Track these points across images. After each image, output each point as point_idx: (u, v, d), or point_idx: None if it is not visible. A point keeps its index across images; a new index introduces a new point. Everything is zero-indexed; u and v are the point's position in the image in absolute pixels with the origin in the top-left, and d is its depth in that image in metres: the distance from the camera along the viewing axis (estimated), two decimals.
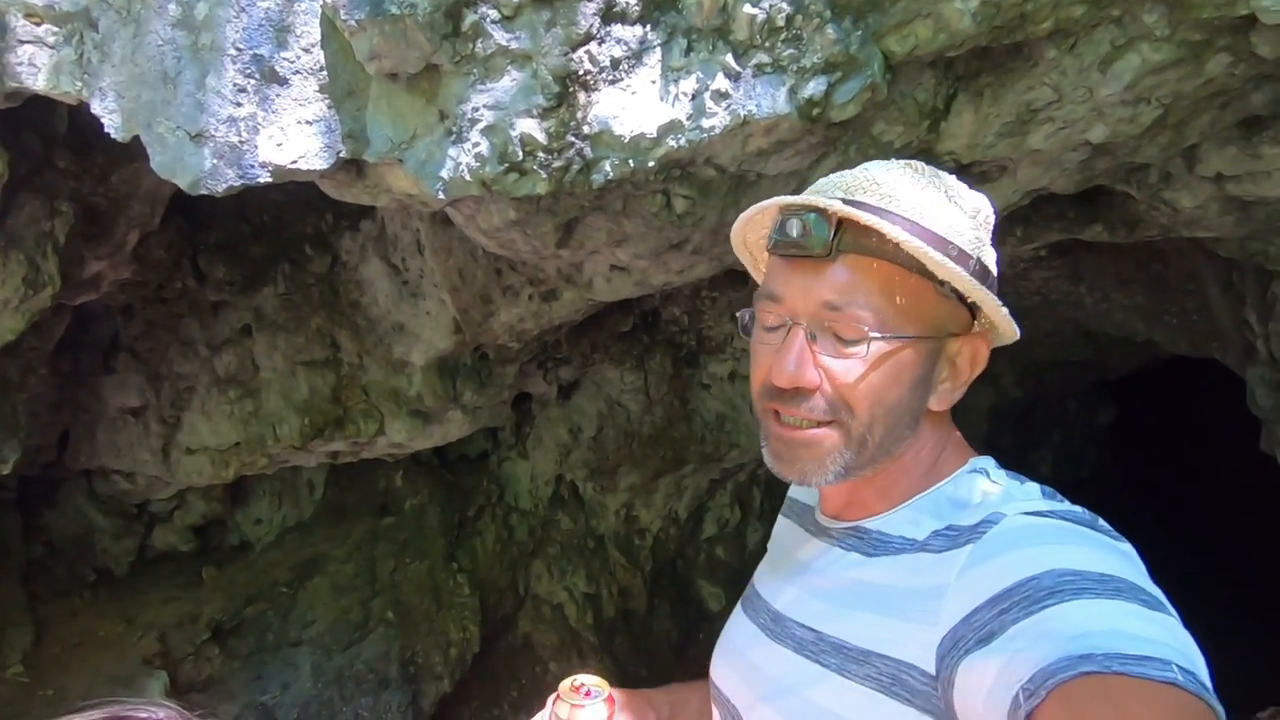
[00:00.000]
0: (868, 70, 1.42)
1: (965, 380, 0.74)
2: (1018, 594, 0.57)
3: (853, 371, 0.68)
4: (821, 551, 0.79)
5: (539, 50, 1.36)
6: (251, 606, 3.63)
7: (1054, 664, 0.50)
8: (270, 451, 2.91)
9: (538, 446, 4.44)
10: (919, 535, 0.70)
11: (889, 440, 0.71)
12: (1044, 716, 0.50)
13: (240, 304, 2.76)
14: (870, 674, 0.66)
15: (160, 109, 1.37)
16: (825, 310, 0.69)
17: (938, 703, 0.61)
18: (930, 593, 0.65)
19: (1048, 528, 0.63)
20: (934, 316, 0.70)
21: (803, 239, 0.68)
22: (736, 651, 0.83)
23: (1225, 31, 1.41)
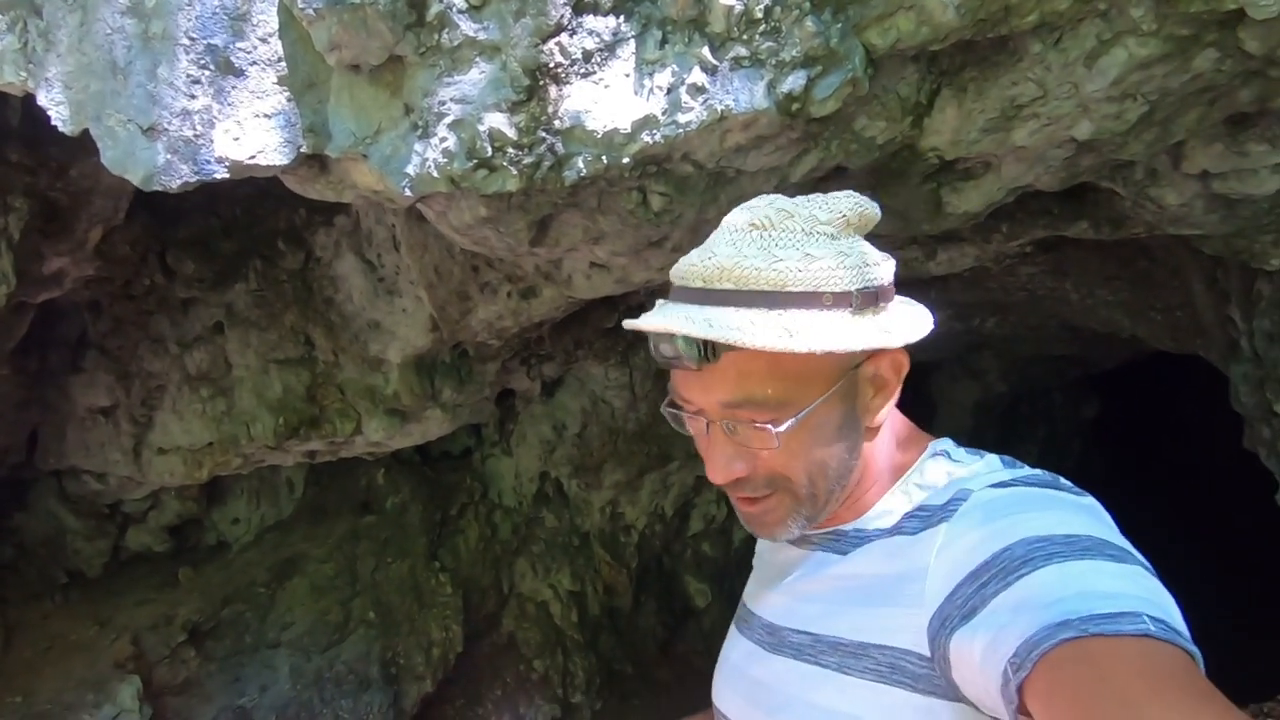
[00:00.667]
0: (848, 64, 1.38)
1: (895, 388, 0.74)
2: (994, 566, 0.59)
3: (774, 453, 0.70)
4: (803, 558, 0.80)
5: (508, 41, 1.31)
6: (229, 607, 3.57)
7: (1035, 634, 0.52)
8: (244, 451, 2.85)
9: (521, 443, 4.40)
10: (893, 525, 0.72)
11: (836, 482, 0.73)
12: (1033, 687, 0.52)
13: (211, 300, 2.69)
14: (869, 666, 0.67)
15: (110, 101, 1.31)
16: (726, 409, 0.70)
17: (939, 683, 0.62)
18: (912, 575, 0.66)
19: (1014, 497, 0.66)
20: (830, 370, 0.70)
21: (676, 359, 0.69)
22: (736, 670, 0.83)
23: (1213, 26, 1.37)
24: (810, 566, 0.79)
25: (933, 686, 0.63)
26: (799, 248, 0.69)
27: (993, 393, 6.30)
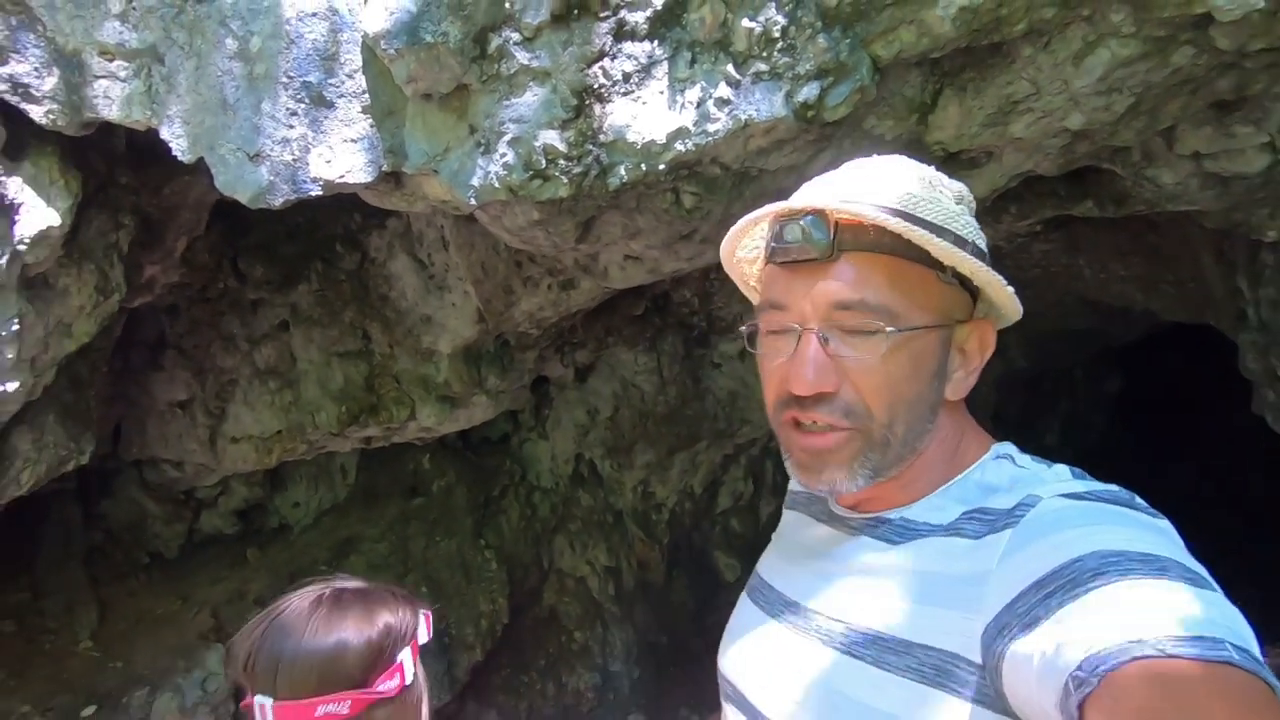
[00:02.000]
0: (857, 74, 1.55)
1: (977, 366, 0.73)
2: (1062, 577, 0.56)
3: (870, 369, 0.67)
4: (839, 541, 0.76)
5: (558, 68, 1.51)
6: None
7: (1105, 650, 0.49)
8: (309, 438, 3.11)
9: (557, 427, 4.63)
10: (945, 520, 0.69)
11: (911, 436, 0.70)
12: (1097, 704, 0.49)
13: (277, 301, 2.94)
14: (911, 665, 0.63)
15: (221, 133, 1.53)
16: (835, 311, 0.68)
17: (988, 692, 0.59)
18: (971, 579, 0.63)
19: (1087, 509, 0.62)
20: (940, 305, 0.70)
21: (803, 243, 0.68)
22: (753, 645, 0.79)
23: (1187, 27, 1.52)
24: (849, 551, 0.75)
25: (980, 695, 0.59)
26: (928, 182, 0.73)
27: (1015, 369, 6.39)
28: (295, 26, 1.48)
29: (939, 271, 0.69)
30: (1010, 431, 0.79)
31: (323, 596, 0.86)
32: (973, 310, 0.74)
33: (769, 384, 0.74)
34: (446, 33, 1.42)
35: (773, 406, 0.74)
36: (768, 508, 5.54)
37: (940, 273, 0.70)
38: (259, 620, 0.85)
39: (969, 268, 0.69)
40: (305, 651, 0.79)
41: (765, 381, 0.75)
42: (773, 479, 5.48)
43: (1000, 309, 0.75)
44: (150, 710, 2.99)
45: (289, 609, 0.85)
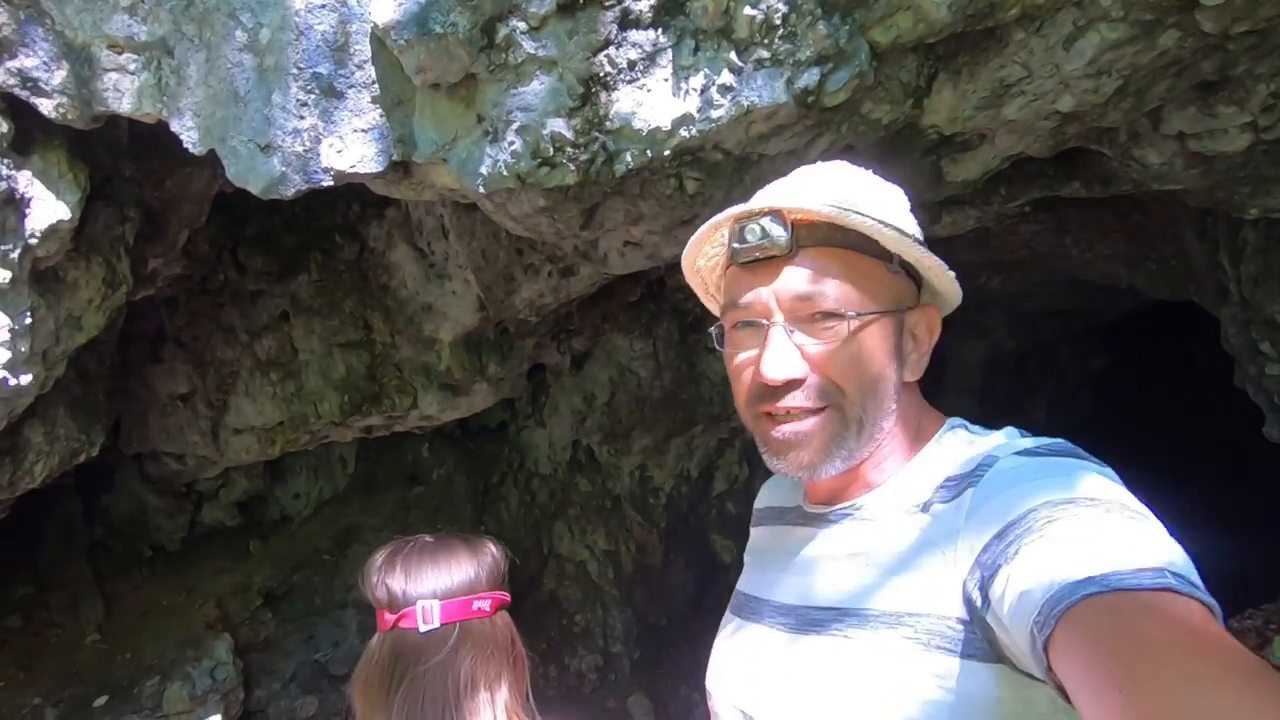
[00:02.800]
0: (856, 60, 1.59)
1: (927, 349, 0.78)
2: (1019, 526, 0.60)
3: (834, 352, 0.72)
4: (818, 538, 0.79)
5: (564, 56, 1.53)
6: (298, 574, 3.90)
7: (1058, 592, 0.53)
8: (312, 428, 3.13)
9: (554, 414, 4.67)
10: (920, 497, 0.72)
11: (879, 415, 0.74)
12: (1057, 644, 0.52)
13: (277, 292, 2.95)
14: (907, 635, 0.66)
15: (233, 125, 1.55)
16: (797, 303, 0.72)
17: (980, 645, 0.62)
18: (943, 540, 0.67)
19: (1038, 463, 0.67)
20: (891, 293, 0.75)
21: (765, 241, 0.72)
22: (747, 657, 0.80)
23: (1173, 10, 1.57)
24: (829, 543, 0.77)
25: (972, 649, 0.62)
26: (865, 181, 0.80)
27: (1001, 349, 6.49)
28: (304, 18, 1.50)
29: (887, 262, 0.75)
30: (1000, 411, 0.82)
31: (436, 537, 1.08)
32: (918, 298, 0.79)
33: (738, 381, 0.77)
34: (455, 23, 1.44)
35: (744, 402, 0.77)
36: None
37: (888, 263, 0.75)
38: (391, 555, 1.04)
39: (914, 255, 0.74)
40: (456, 564, 1.02)
41: (734, 379, 0.78)
42: None
43: (942, 295, 0.80)
44: (161, 699, 3.03)
45: (415, 543, 1.06)
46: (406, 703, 0.94)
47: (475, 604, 0.99)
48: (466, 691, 0.94)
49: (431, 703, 0.94)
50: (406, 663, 0.96)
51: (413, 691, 0.94)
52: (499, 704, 0.96)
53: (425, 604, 0.96)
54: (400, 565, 1.01)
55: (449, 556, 1.02)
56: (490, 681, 0.96)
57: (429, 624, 0.96)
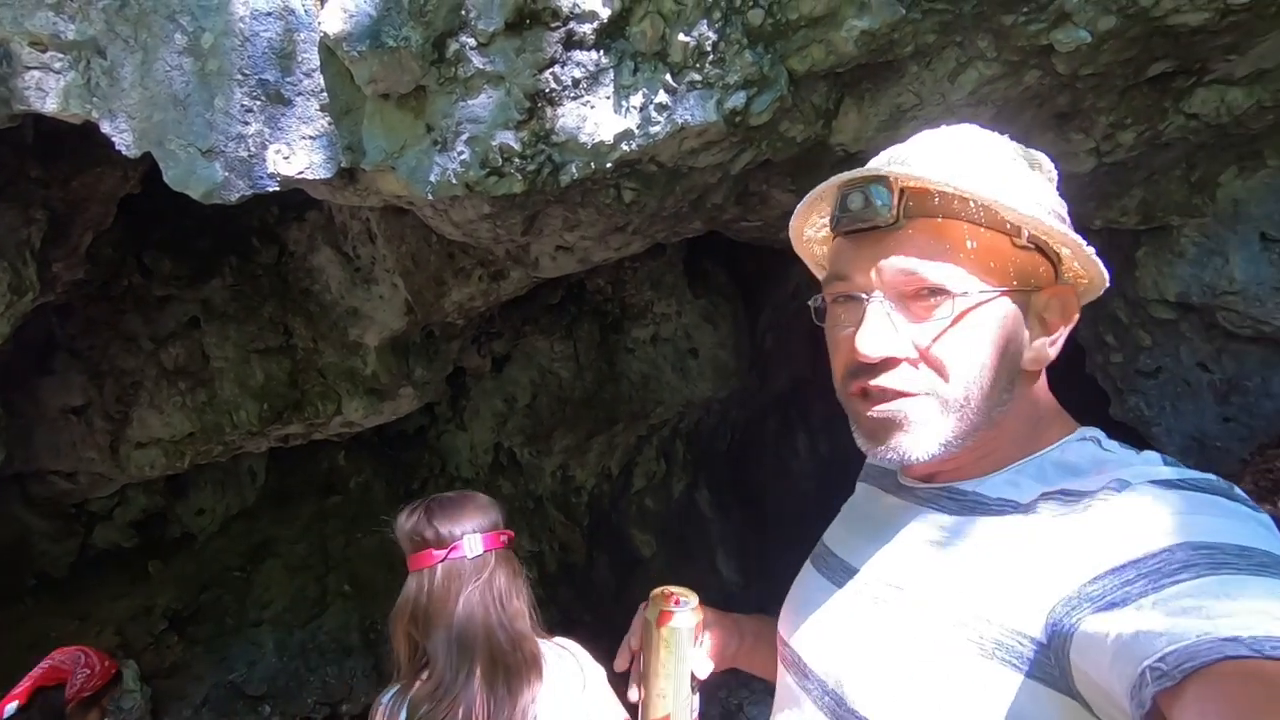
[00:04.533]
0: (777, 85, 1.77)
1: (1059, 335, 0.70)
2: (1146, 566, 0.53)
3: (938, 334, 0.65)
4: (908, 512, 0.75)
5: (512, 72, 1.62)
6: (206, 593, 3.70)
7: (1193, 645, 0.46)
8: (227, 439, 3.01)
9: (475, 418, 4.66)
10: (1022, 498, 0.65)
11: (987, 405, 0.67)
12: (1176, 700, 0.46)
13: (187, 297, 2.83)
14: (970, 637, 0.61)
15: (172, 128, 1.52)
16: (901, 277, 0.66)
17: (1052, 670, 0.57)
18: (1041, 557, 0.60)
19: (1179, 498, 0.58)
20: (1013, 269, 0.66)
21: (867, 210, 0.66)
22: (813, 611, 0.78)
23: (1035, 54, 1.86)
24: (916, 521, 0.73)
25: (1042, 673, 0.57)
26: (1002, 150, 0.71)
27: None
28: (249, 24, 1.50)
29: (1012, 236, 0.67)
30: None
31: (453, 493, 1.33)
32: (1056, 277, 0.71)
33: (836, 355, 0.72)
34: (408, 37, 1.50)
35: (840, 378, 0.72)
36: (679, 485, 5.83)
37: (1014, 237, 0.67)
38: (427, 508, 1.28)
39: (1042, 227, 0.66)
40: (480, 508, 1.29)
41: (833, 353, 0.73)
42: (683, 457, 5.77)
43: (1086, 275, 0.71)
44: None
45: (439, 498, 1.31)
46: (466, 610, 1.20)
47: (501, 536, 1.28)
48: (508, 598, 1.25)
49: (484, 608, 1.22)
50: (461, 582, 1.21)
51: (469, 602, 1.21)
52: (525, 611, 1.28)
53: (470, 537, 1.23)
54: (440, 513, 1.26)
55: (473, 504, 1.29)
56: (519, 592, 1.27)
57: (475, 552, 1.23)
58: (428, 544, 1.23)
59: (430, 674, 1.20)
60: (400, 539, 1.27)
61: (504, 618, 1.22)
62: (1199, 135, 2.29)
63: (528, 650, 1.23)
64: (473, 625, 1.20)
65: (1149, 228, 2.86)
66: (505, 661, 1.20)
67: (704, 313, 4.71)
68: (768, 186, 2.40)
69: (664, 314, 4.70)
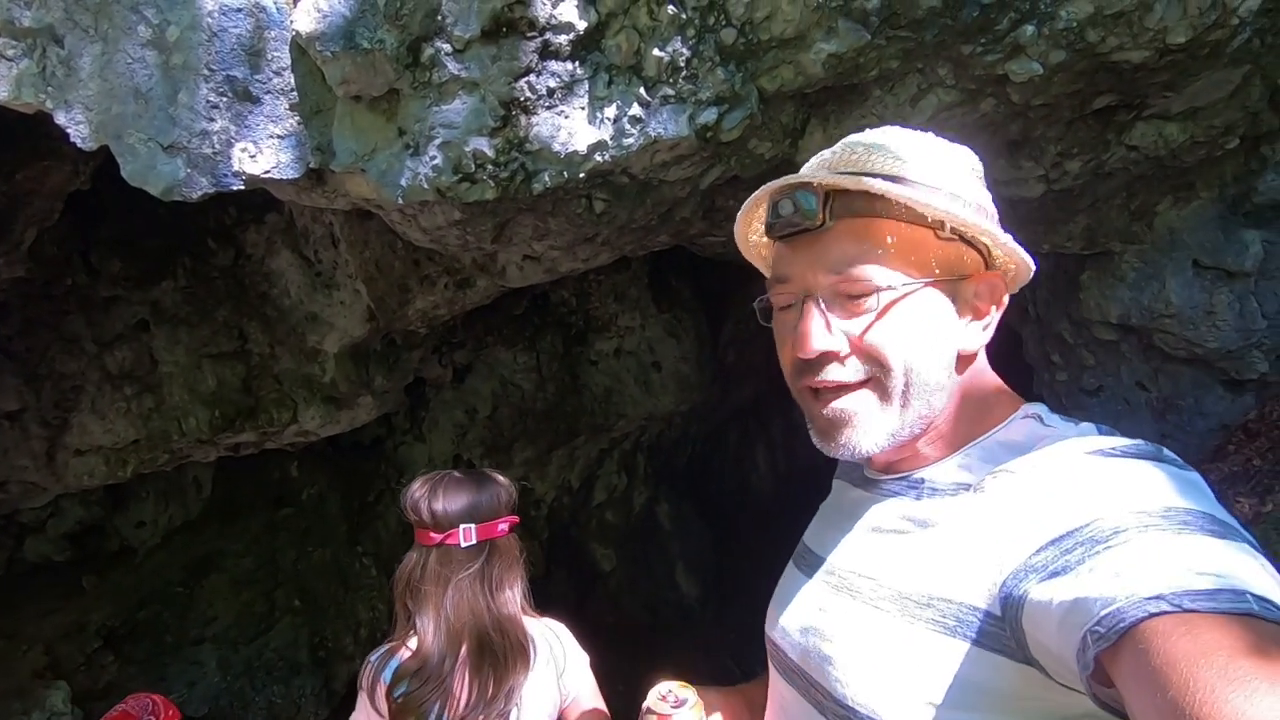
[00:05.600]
0: (748, 103, 1.81)
1: (990, 320, 0.73)
2: (1082, 534, 0.56)
3: (870, 326, 0.69)
4: (872, 503, 0.78)
5: (487, 79, 1.62)
6: (145, 610, 3.52)
7: (1122, 606, 0.49)
8: (174, 446, 2.90)
9: (434, 429, 4.58)
10: (972, 480, 0.69)
11: (927, 391, 0.71)
12: (1115, 659, 0.49)
13: (135, 299, 2.72)
14: (934, 617, 0.64)
15: (131, 122, 1.48)
16: (832, 276, 0.70)
17: (1009, 642, 0.60)
18: (990, 535, 0.64)
19: (1110, 466, 0.62)
20: (939, 261, 0.70)
21: (796, 215, 0.70)
22: (793, 607, 0.81)
23: (991, 83, 1.95)
24: (878, 512, 0.76)
25: (1000, 645, 0.60)
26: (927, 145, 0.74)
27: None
28: (218, 20, 1.47)
29: (935, 230, 0.70)
30: None
31: (464, 473, 1.35)
32: (985, 266, 0.74)
33: (783, 355, 0.77)
34: (383, 40, 1.49)
35: (789, 377, 0.76)
36: (640, 498, 5.82)
37: (937, 231, 0.71)
38: (428, 485, 1.31)
39: (958, 221, 0.70)
40: (485, 494, 1.31)
41: (780, 353, 0.78)
42: (644, 471, 5.77)
43: (1012, 261, 0.75)
44: None
45: (448, 476, 1.34)
46: (456, 595, 1.25)
47: (499, 526, 1.31)
48: (499, 586, 1.29)
49: (474, 595, 1.26)
50: (452, 569, 1.26)
51: (459, 588, 1.25)
52: (518, 597, 1.32)
53: (465, 526, 1.27)
54: (445, 495, 1.29)
55: (480, 489, 1.32)
56: (511, 582, 1.31)
57: (468, 541, 1.27)
58: (426, 524, 1.28)
59: (418, 648, 1.25)
60: (406, 508, 1.32)
61: (493, 604, 1.27)
62: (1139, 166, 2.42)
63: (515, 636, 1.29)
64: (461, 611, 1.25)
65: (1093, 253, 3.01)
66: (492, 647, 1.26)
67: (667, 326, 4.74)
68: (734, 202, 2.44)
69: (628, 327, 4.72)
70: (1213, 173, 2.68)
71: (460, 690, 1.23)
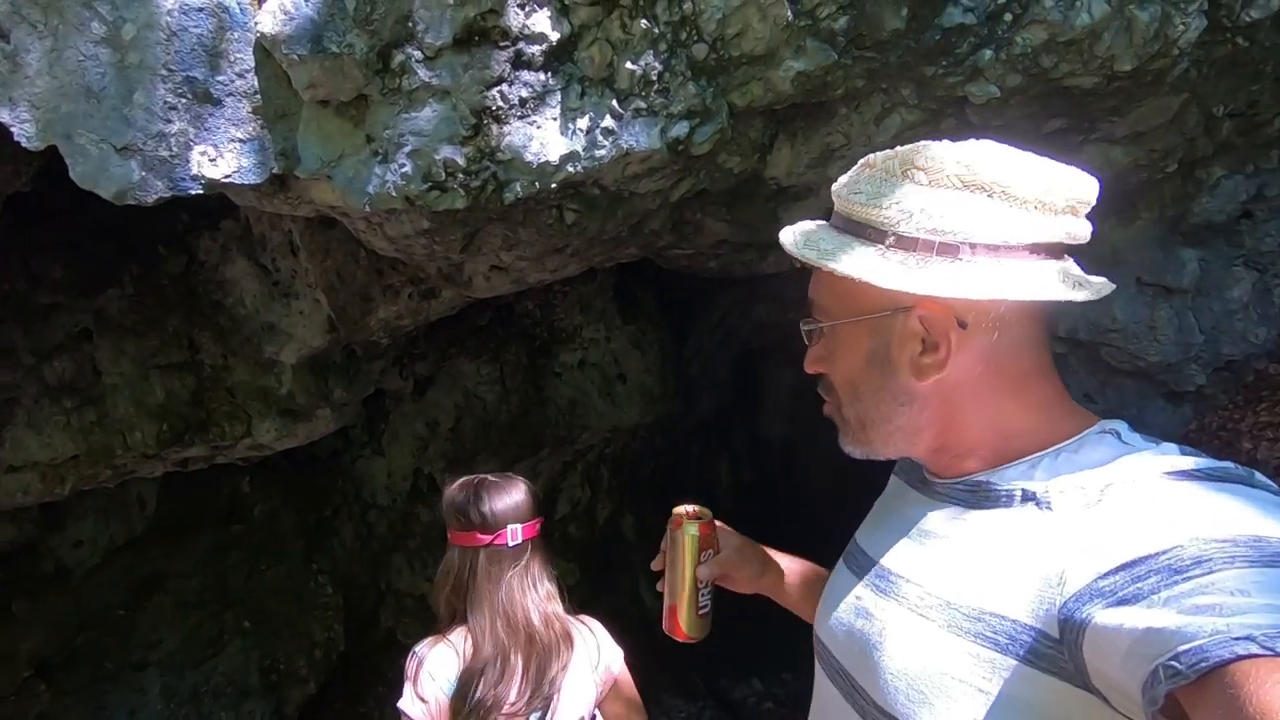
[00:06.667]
0: (718, 117, 1.84)
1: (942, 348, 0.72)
2: (1157, 561, 0.53)
3: (819, 354, 0.82)
4: (928, 506, 0.78)
5: (458, 87, 1.60)
6: (82, 635, 3.33)
7: (1206, 644, 0.46)
8: (118, 462, 2.76)
9: (394, 442, 4.47)
10: (1035, 491, 0.66)
11: (875, 413, 0.77)
12: (1196, 699, 0.46)
13: (78, 307, 2.60)
14: (983, 631, 0.62)
15: (82, 121, 1.41)
16: (810, 308, 0.83)
17: (1065, 665, 0.57)
18: (1052, 553, 0.61)
19: (1194, 489, 0.58)
20: (870, 301, 0.74)
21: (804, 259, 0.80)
22: (839, 606, 0.81)
23: (951, 104, 2.01)
24: (934, 517, 0.76)
25: (1055, 667, 0.58)
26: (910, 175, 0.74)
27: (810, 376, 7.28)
28: (178, 19, 1.42)
29: None
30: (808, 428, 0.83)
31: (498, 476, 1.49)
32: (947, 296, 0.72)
33: None
34: (352, 44, 1.46)
35: None
36: (604, 511, 5.77)
37: None
38: (469, 490, 1.44)
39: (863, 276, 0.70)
40: (522, 495, 1.45)
41: None
42: (608, 483, 5.73)
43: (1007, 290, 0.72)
44: None
45: (485, 480, 1.46)
46: (508, 593, 1.35)
47: (536, 525, 1.44)
48: (541, 582, 1.43)
49: (523, 592, 1.38)
50: (502, 567, 1.37)
51: (509, 586, 1.36)
52: (555, 592, 1.46)
53: (513, 527, 1.39)
54: (490, 498, 1.41)
55: (519, 492, 1.45)
56: (549, 577, 1.45)
57: (515, 540, 1.39)
58: (474, 526, 1.38)
59: (477, 648, 1.35)
60: (446, 513, 1.43)
61: (539, 599, 1.40)
62: None
63: (559, 627, 1.41)
64: (514, 608, 1.36)
65: None
66: (542, 640, 1.37)
67: (632, 338, 4.74)
68: (703, 215, 2.47)
69: (592, 339, 4.70)
70: (1153, 195, 2.82)
71: (521, 683, 1.34)
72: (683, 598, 1.08)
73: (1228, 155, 2.63)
